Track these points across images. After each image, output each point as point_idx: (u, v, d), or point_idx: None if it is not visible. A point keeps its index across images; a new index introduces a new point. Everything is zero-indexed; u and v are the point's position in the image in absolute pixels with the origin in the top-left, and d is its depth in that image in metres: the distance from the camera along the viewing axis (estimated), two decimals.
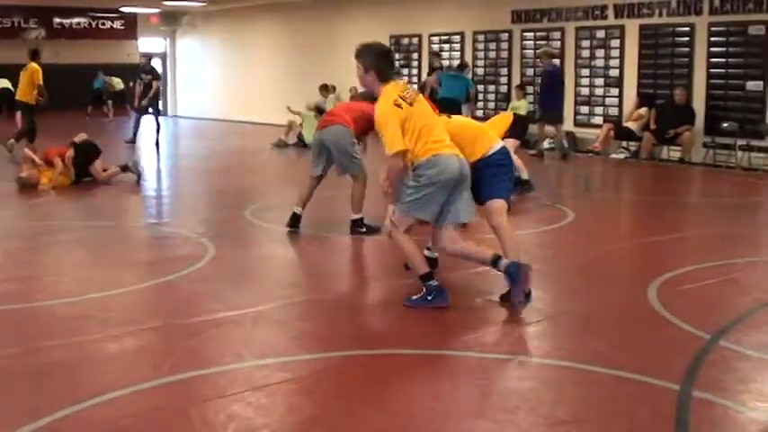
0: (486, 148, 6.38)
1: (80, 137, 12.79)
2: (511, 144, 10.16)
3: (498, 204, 6.29)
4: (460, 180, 5.91)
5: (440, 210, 5.93)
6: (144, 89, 19.17)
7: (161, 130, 19.02)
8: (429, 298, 5.98)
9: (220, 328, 5.59)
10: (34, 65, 16.57)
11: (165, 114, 30.49)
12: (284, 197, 10.42)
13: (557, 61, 17.24)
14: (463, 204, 6.00)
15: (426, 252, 6.76)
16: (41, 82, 16.30)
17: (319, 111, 18.67)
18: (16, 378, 4.72)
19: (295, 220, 8.70)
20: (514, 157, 8.35)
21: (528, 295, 6.06)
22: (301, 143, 18.45)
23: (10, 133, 16.41)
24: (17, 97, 16.75)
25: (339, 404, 4.39)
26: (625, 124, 16.69)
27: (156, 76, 19.50)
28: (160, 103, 20.09)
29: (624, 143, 16.92)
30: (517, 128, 10.91)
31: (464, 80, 17.72)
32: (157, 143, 18.66)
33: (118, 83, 27.39)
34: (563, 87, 16.97)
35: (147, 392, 4.45)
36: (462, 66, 18.76)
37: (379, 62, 6.09)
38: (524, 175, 10.90)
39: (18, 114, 20.59)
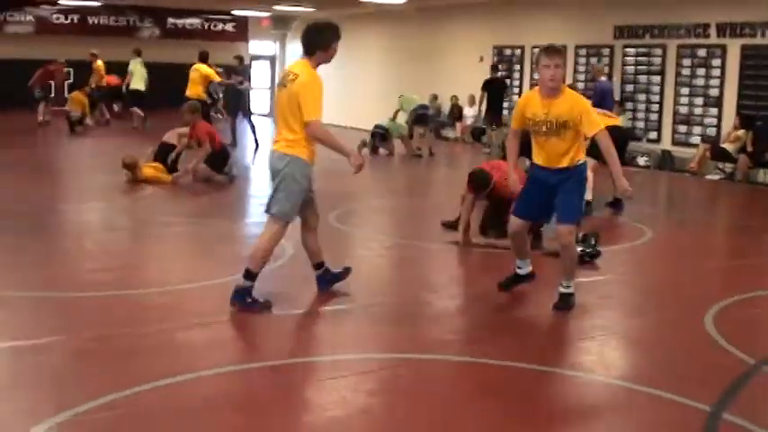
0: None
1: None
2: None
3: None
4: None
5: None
6: (233, 93, 19.69)
7: (256, 131, 19.44)
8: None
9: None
10: (204, 66, 17.69)
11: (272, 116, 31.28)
12: (365, 203, 10.73)
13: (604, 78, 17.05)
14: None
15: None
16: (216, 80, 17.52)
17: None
18: (107, 355, 5.26)
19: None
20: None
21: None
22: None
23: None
24: (187, 94, 17.37)
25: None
26: (722, 145, 16.51)
27: (249, 78, 20.14)
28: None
29: (720, 164, 16.73)
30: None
31: None
32: (257, 143, 19.06)
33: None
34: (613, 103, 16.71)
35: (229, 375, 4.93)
36: None
37: None
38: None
39: (135, 109, 21.65)
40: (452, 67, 22.94)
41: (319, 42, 6.22)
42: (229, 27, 30.54)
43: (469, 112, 22.42)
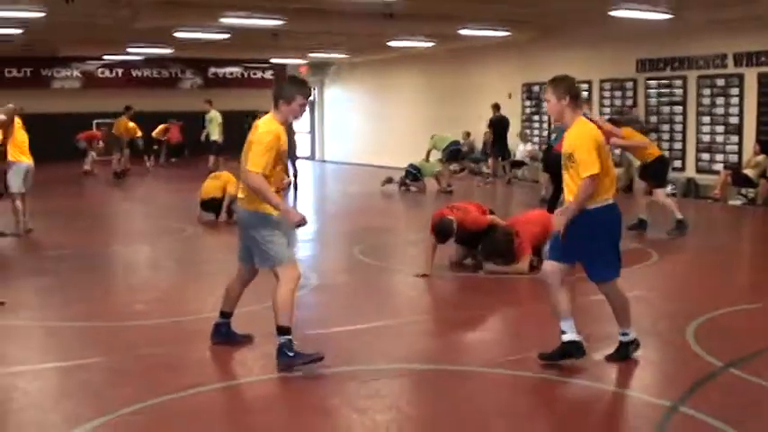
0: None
1: None
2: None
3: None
4: None
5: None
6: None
7: (298, 174, 20.27)
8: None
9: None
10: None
11: (313, 159, 32.22)
12: (387, 238, 11.38)
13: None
14: None
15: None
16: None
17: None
18: (141, 371, 6.03)
19: None
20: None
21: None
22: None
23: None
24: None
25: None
26: (744, 171, 16.97)
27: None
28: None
29: (743, 190, 17.17)
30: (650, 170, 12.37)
31: None
32: (296, 186, 19.83)
33: None
34: None
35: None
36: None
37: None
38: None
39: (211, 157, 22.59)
40: (483, 104, 23.61)
41: (283, 95, 6.15)
42: (268, 75, 31.55)
43: (522, 149, 23.04)
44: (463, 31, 19.63)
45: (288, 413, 5.33)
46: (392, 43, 22.37)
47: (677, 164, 18.84)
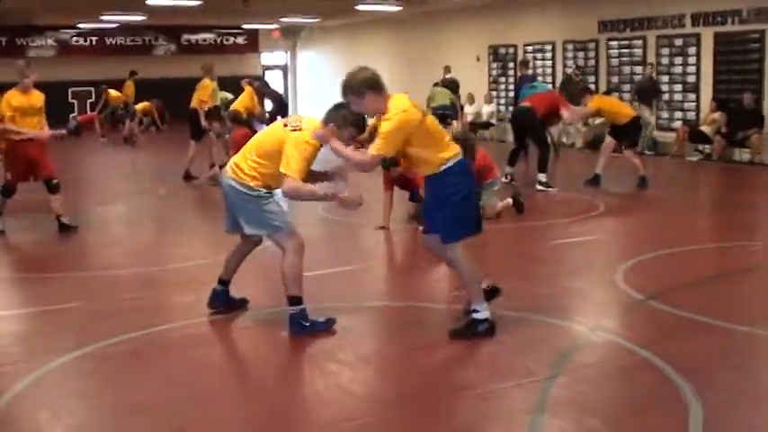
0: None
1: None
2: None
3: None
4: None
5: None
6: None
7: None
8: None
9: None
10: None
11: None
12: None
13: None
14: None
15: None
16: None
17: None
18: (119, 313, 6.52)
19: None
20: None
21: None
22: None
23: None
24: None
25: None
26: (700, 128, 17.60)
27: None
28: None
29: (700, 146, 17.79)
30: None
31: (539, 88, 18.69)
32: None
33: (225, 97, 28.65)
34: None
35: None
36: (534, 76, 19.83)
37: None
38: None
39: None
40: (453, 67, 24.12)
41: (338, 120, 5.94)
42: (241, 40, 31.94)
43: (469, 110, 23.57)
44: None
45: (252, 344, 5.93)
46: (361, 7, 22.83)
47: None
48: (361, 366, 5.49)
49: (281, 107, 21.89)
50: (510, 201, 10.75)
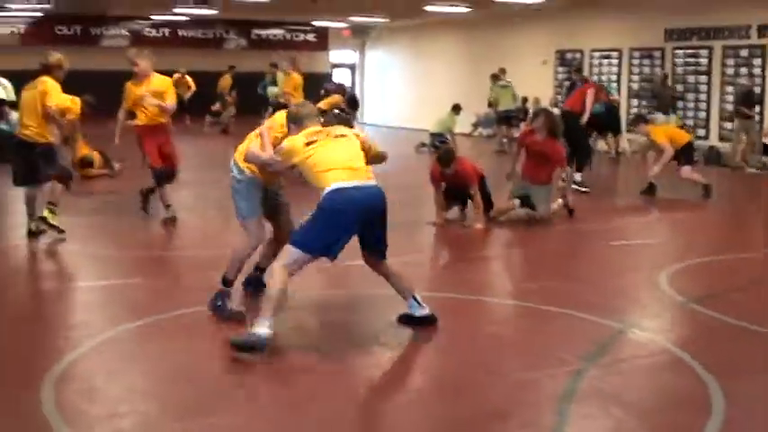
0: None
1: None
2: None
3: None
4: None
5: None
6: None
7: None
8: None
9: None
10: None
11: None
12: (409, 192, 12.23)
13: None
14: None
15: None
16: None
17: None
18: (176, 289, 6.82)
19: None
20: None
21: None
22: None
23: None
24: None
25: None
26: (764, 140, 17.51)
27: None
28: None
29: (763, 157, 17.69)
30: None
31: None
32: None
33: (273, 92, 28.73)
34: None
35: None
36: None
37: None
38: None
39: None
40: (518, 70, 24.23)
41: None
42: (311, 37, 32.31)
43: None
44: None
45: (297, 325, 6.19)
46: (429, 8, 23.03)
47: (701, 132, 19.41)
48: (401, 350, 5.74)
49: (351, 100, 22.17)
50: (561, 201, 10.91)
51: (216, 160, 16.93)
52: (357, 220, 5.68)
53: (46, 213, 9.05)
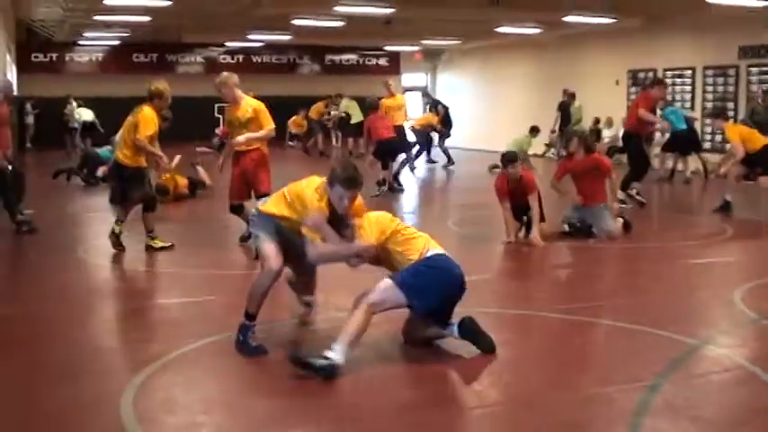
0: None
1: None
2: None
3: None
4: None
5: None
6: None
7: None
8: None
9: None
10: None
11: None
12: (481, 212, 12.27)
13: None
14: None
15: None
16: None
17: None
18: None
19: None
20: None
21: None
22: None
23: None
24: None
25: None
26: None
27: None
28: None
29: None
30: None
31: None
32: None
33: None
34: None
35: None
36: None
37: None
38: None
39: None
40: (590, 90, 24.13)
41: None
42: (383, 61, 32.60)
43: (607, 134, 23.54)
44: (569, 19, 20.21)
45: (372, 342, 6.24)
46: (500, 29, 23.09)
47: None
48: (472, 364, 5.77)
49: (446, 119, 22.75)
50: (620, 220, 10.85)
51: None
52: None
53: (150, 243, 9.90)
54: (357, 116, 24.71)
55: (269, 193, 8.66)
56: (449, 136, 23.11)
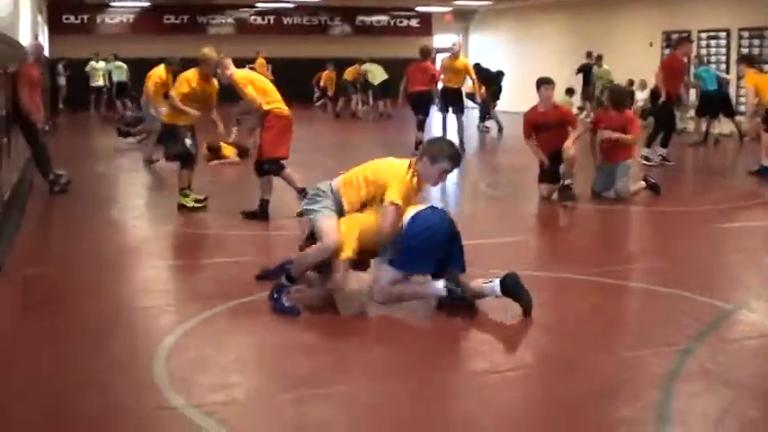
0: None
1: None
2: None
3: None
4: None
5: None
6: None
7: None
8: None
9: None
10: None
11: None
12: (513, 174, 12.20)
13: None
14: None
15: None
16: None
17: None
18: None
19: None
20: None
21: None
22: None
23: None
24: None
25: None
26: None
27: None
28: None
29: None
30: None
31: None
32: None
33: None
34: None
35: None
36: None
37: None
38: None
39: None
40: (624, 52, 23.88)
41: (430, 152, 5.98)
42: (414, 23, 32.41)
43: (640, 96, 23.30)
44: None
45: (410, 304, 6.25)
46: None
47: None
48: (508, 327, 5.75)
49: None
50: (642, 183, 10.68)
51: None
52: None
53: (181, 201, 9.89)
54: (379, 77, 24.61)
55: (271, 158, 9.33)
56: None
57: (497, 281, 5.84)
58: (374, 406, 4.44)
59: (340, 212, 6.02)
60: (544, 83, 10.41)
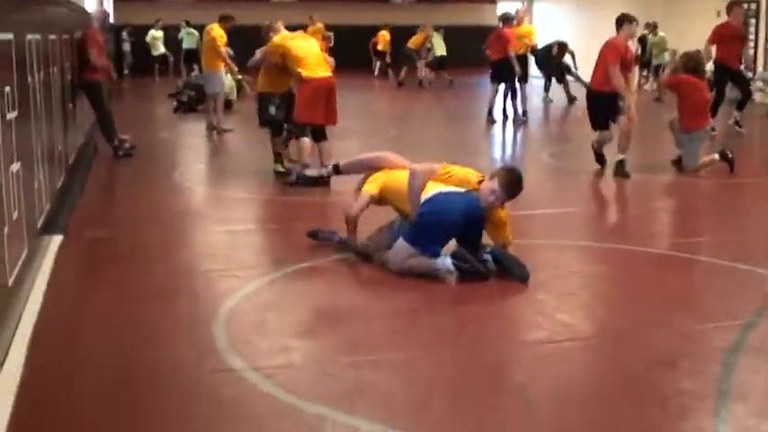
0: None
1: None
2: None
3: None
4: None
5: None
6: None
7: None
8: None
9: None
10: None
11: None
12: (575, 143, 12.08)
13: None
14: None
15: None
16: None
17: None
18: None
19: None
20: None
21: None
22: None
23: None
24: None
25: None
26: None
27: None
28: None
29: None
30: None
31: None
32: None
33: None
34: None
35: None
36: None
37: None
38: None
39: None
40: (690, 21, 23.40)
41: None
42: None
43: (706, 66, 22.86)
44: None
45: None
46: None
47: None
48: (565, 298, 5.72)
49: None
50: (716, 156, 10.33)
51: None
52: None
53: (275, 167, 10.08)
54: (440, 49, 24.47)
55: (300, 123, 9.56)
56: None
57: (490, 257, 5.97)
58: (429, 374, 4.46)
59: None
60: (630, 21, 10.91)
